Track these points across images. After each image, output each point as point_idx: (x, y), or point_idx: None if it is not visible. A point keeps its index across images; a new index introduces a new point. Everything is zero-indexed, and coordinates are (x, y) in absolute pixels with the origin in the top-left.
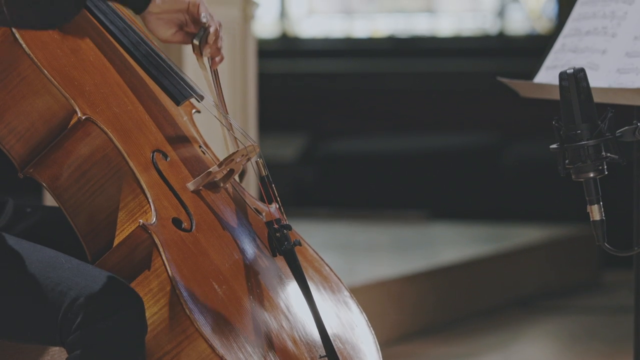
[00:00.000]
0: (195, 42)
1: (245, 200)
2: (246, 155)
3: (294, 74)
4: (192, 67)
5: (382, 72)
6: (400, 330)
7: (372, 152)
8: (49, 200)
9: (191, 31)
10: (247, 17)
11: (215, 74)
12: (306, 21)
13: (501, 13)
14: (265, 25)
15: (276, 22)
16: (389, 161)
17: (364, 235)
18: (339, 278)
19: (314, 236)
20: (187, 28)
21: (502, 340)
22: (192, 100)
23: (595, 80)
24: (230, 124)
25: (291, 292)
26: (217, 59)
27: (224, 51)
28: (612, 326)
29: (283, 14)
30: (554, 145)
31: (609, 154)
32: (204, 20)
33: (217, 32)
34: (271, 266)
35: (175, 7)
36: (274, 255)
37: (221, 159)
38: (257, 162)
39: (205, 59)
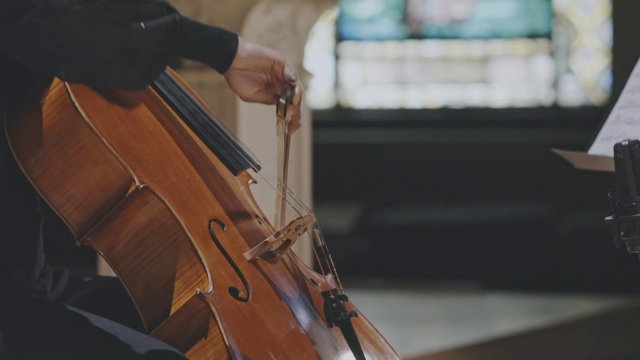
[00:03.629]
0: (282, 100)
1: (301, 271)
2: (303, 225)
3: (348, 144)
4: (246, 136)
5: (436, 142)
6: None
7: (426, 222)
8: (104, 269)
9: (274, 91)
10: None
11: (288, 140)
12: (360, 92)
13: (555, 84)
14: (320, 96)
15: (330, 93)
16: (442, 232)
17: (418, 306)
18: (394, 350)
19: (367, 307)
20: (271, 88)
21: None
22: (249, 170)
23: None
24: (288, 194)
25: None
26: (294, 124)
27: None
28: None
29: (337, 84)
30: (609, 217)
31: None
32: (293, 77)
33: (301, 92)
34: (327, 337)
35: (261, 64)
36: (330, 326)
37: (277, 229)
38: (313, 232)
39: (284, 123)
